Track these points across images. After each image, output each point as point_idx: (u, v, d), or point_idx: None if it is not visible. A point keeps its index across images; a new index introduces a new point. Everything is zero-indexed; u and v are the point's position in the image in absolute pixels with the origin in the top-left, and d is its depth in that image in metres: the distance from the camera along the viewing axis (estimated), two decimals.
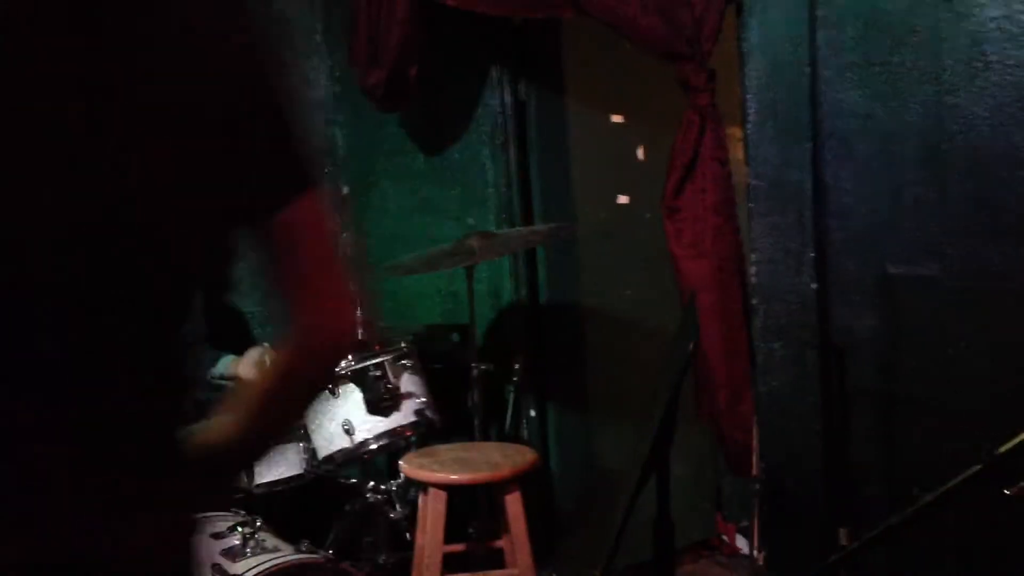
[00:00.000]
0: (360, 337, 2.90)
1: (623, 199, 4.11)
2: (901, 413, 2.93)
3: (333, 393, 3.16)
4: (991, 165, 2.78)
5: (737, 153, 3.24)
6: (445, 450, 3.16)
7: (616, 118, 4.10)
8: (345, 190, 4.19)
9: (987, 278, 2.80)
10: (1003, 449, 1.32)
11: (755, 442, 3.12)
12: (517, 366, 3.56)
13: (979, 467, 1.30)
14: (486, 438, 3.37)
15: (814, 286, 3.00)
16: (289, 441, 3.22)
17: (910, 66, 2.87)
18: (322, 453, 3.20)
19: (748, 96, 3.08)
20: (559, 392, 3.99)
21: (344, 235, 1.22)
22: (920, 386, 2.87)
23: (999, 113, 2.76)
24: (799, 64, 2.99)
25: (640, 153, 4.11)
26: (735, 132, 3.28)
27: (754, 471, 3.14)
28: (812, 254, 3.01)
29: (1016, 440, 1.30)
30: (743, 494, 3.42)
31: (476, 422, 3.32)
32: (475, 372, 3.31)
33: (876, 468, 2.97)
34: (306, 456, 3.24)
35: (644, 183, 3.93)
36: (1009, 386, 2.71)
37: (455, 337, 3.87)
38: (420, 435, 3.27)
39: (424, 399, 3.24)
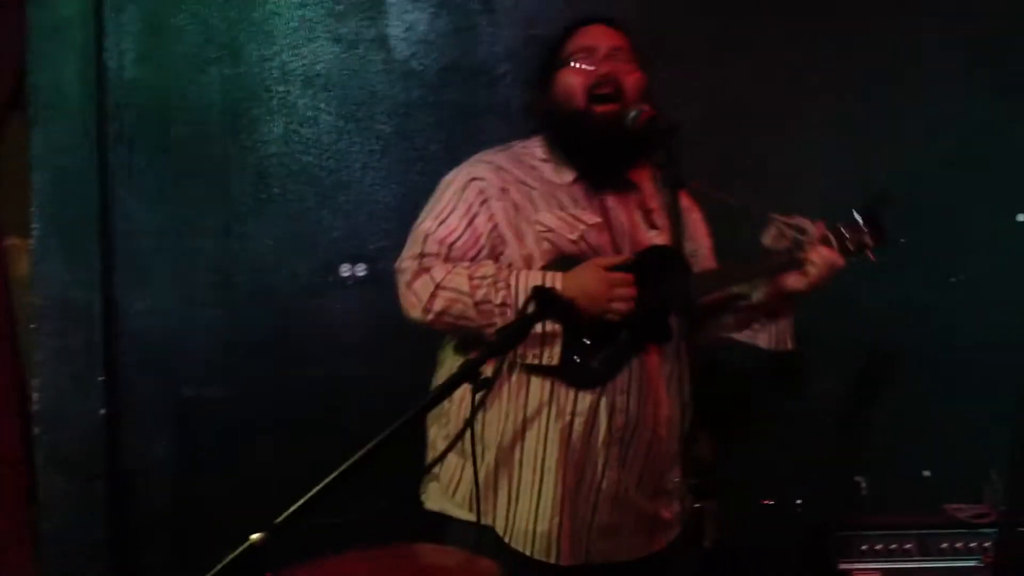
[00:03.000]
0: None
1: None
2: (195, 539, 2.87)
3: None
4: (276, 292, 2.95)
5: (24, 269, 2.99)
6: None
7: None
8: None
9: (272, 402, 2.93)
10: None
11: None
12: None
13: None
14: None
15: (104, 412, 2.85)
16: None
17: (202, 193, 2.94)
18: None
19: (35, 209, 2.88)
20: None
21: None
22: (212, 509, 2.85)
23: (282, 243, 2.95)
24: (89, 181, 2.88)
25: None
26: (23, 244, 3.02)
27: None
28: (102, 378, 2.86)
29: None
30: None
31: None
32: None
33: None
34: None
35: None
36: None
37: None
38: None
39: None
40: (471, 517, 2.13)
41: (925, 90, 2.97)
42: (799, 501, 2.90)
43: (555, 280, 2.09)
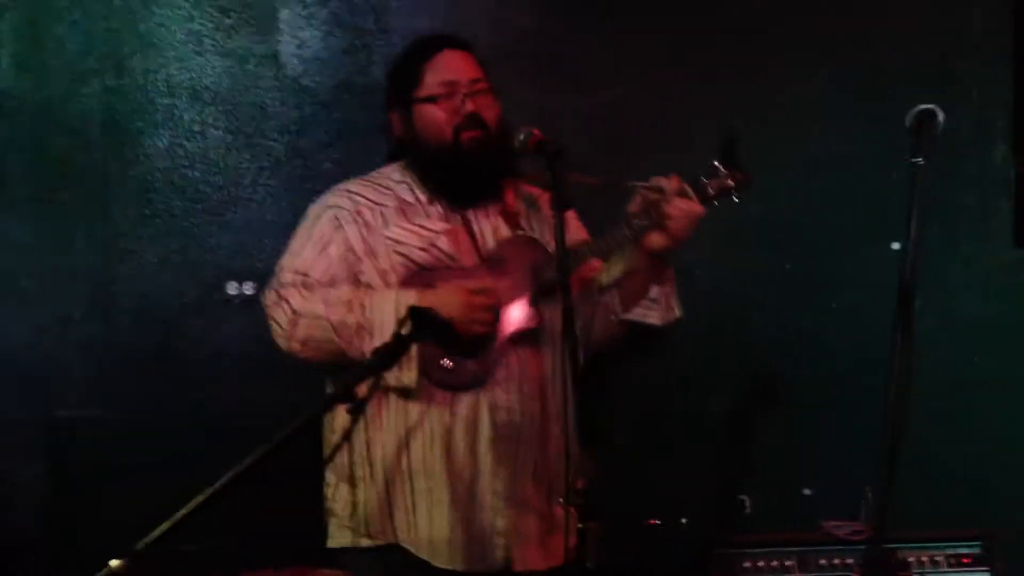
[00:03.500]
0: None
1: None
2: (66, 566, 2.74)
3: None
4: (158, 310, 2.86)
5: None
6: None
7: None
8: None
9: (158, 418, 2.84)
10: None
11: None
12: None
13: None
14: None
15: None
16: None
17: (81, 207, 2.85)
18: None
19: None
20: None
21: None
22: (85, 535, 2.73)
23: (166, 260, 2.87)
24: None
25: None
26: None
27: None
28: None
29: None
30: None
31: None
32: None
33: None
34: None
35: None
36: None
37: None
38: None
39: None
40: (371, 542, 2.17)
41: (806, 124, 3.06)
42: (684, 520, 2.95)
43: (409, 298, 2.10)
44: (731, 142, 2.28)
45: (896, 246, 3.03)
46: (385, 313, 2.10)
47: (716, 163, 2.27)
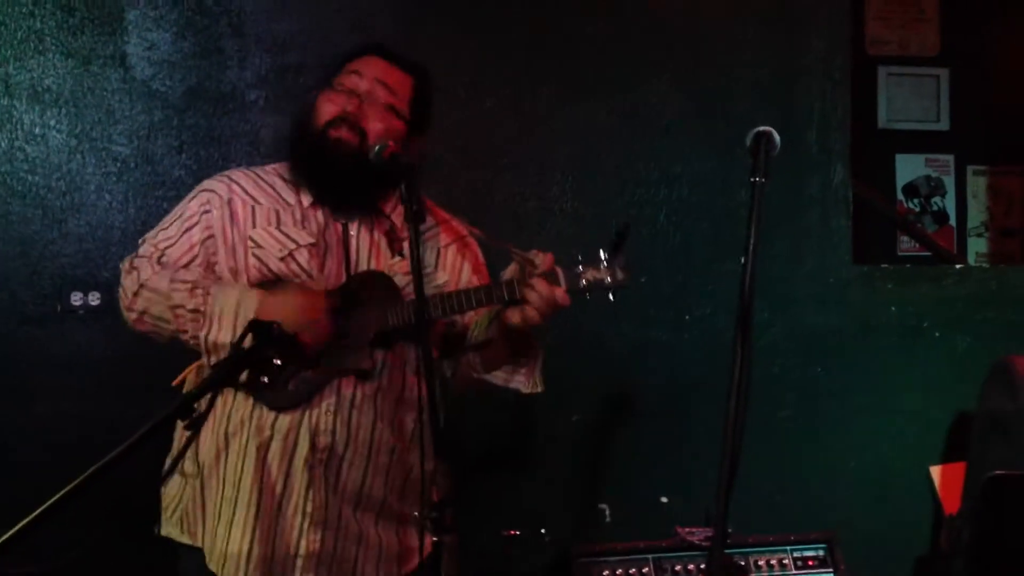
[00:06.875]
0: None
1: None
2: None
3: None
4: None
5: None
6: None
7: None
8: None
9: None
10: None
11: None
12: None
13: None
14: None
15: None
16: None
17: None
18: None
19: None
20: None
21: None
22: None
23: (5, 268, 2.72)
24: None
25: None
26: None
27: None
28: None
29: None
30: None
31: None
32: None
33: None
34: None
35: None
36: None
37: None
38: None
39: None
40: (187, 540, 2.15)
41: (661, 142, 3.13)
42: (544, 530, 2.96)
43: (253, 297, 2.05)
44: (622, 237, 2.17)
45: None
46: (226, 305, 2.03)
47: (601, 253, 2.11)
